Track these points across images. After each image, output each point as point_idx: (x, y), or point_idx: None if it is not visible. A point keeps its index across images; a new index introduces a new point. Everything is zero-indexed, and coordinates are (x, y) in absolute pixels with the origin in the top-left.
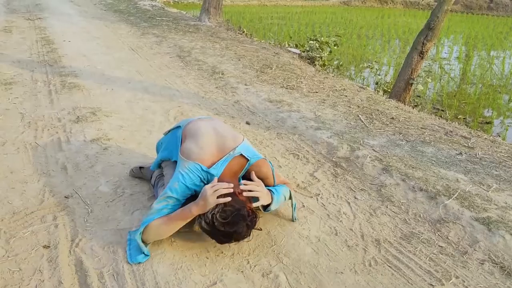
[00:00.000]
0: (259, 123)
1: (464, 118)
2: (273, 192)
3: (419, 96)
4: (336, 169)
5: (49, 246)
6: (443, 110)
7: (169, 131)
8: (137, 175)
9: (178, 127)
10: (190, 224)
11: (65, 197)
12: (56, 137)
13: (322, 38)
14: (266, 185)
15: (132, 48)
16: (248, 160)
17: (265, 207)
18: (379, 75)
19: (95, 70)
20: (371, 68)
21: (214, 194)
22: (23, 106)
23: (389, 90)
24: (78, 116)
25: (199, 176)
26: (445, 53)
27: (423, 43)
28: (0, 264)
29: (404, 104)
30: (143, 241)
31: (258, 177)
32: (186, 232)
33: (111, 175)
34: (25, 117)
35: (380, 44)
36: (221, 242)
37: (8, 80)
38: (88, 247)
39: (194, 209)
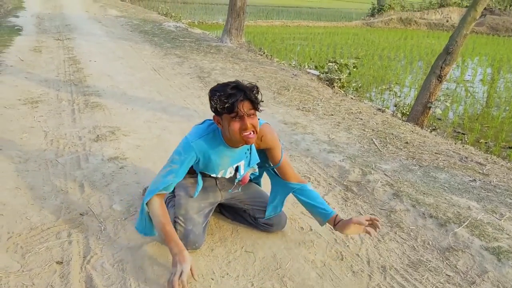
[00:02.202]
0: None
1: (485, 142)
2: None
3: (439, 119)
4: (347, 193)
5: (62, 262)
6: (464, 134)
7: None
8: None
9: None
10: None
11: (80, 214)
12: (75, 155)
13: (342, 60)
14: (273, 162)
15: (154, 69)
16: None
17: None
18: (399, 96)
19: (118, 90)
20: (390, 90)
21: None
22: (47, 124)
23: (408, 113)
24: (98, 135)
25: (205, 132)
26: (469, 75)
27: (441, 67)
28: (15, 279)
29: (422, 127)
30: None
31: (263, 149)
32: (192, 253)
33: (125, 194)
34: (48, 135)
35: (402, 65)
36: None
37: (35, 98)
38: (98, 264)
39: (172, 250)
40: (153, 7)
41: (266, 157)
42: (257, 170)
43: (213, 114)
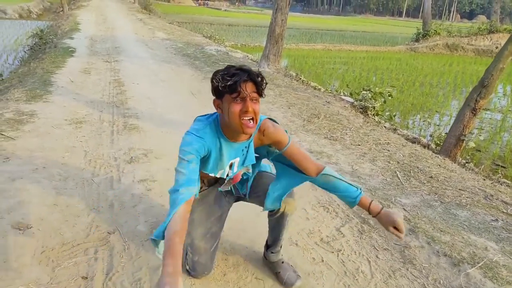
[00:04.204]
0: None
1: None
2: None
3: (479, 151)
4: (363, 225)
5: (87, 278)
6: (504, 167)
7: None
8: None
9: None
10: None
11: (108, 232)
12: (109, 176)
13: (377, 89)
14: (279, 148)
15: (192, 92)
16: None
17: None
18: (438, 125)
19: (155, 113)
20: (430, 119)
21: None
22: (87, 145)
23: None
24: (131, 157)
25: (205, 122)
26: None
27: (476, 100)
28: None
29: (454, 160)
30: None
31: (269, 144)
32: (204, 276)
33: (150, 216)
34: (87, 155)
35: (445, 93)
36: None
37: (80, 119)
38: (119, 282)
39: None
40: (198, 29)
41: (270, 152)
42: (250, 170)
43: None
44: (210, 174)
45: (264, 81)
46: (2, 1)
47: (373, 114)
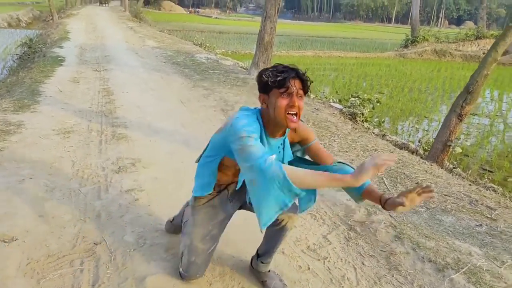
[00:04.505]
0: None
1: None
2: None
3: (466, 156)
4: (350, 232)
5: None
6: (491, 171)
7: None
8: (169, 230)
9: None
10: None
11: (94, 243)
12: (97, 186)
13: (365, 95)
14: (305, 144)
15: (181, 101)
16: None
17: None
18: (426, 130)
19: (144, 121)
20: (412, 126)
21: (379, 167)
22: (75, 155)
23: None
24: (119, 167)
25: (255, 115)
26: (503, 110)
27: (462, 106)
28: None
29: (442, 166)
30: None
31: (299, 136)
32: (189, 286)
33: (136, 226)
34: (75, 165)
35: (433, 98)
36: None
37: (68, 129)
38: None
39: (349, 179)
40: (189, 37)
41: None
42: None
43: (259, 94)
44: None
45: (310, 80)
46: None
47: (362, 121)
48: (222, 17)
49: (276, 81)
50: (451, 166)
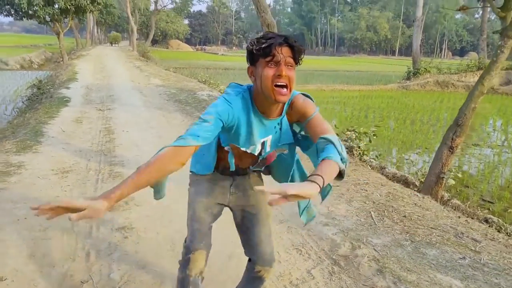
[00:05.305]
0: (274, 216)
1: None
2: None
3: (467, 187)
4: (334, 267)
5: None
6: (492, 202)
7: None
8: None
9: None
10: None
11: (81, 282)
12: (89, 225)
13: (361, 129)
14: (304, 121)
15: None
16: None
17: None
18: (427, 162)
19: (141, 160)
20: (407, 158)
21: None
22: (71, 194)
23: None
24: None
25: (240, 94)
26: (506, 140)
27: (452, 139)
28: None
29: (436, 199)
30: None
31: (296, 113)
32: None
33: (123, 263)
34: None
35: (435, 130)
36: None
37: (66, 168)
38: None
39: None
40: (195, 74)
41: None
42: (286, 151)
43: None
44: (241, 148)
45: (303, 49)
46: (4, 52)
47: (359, 154)
48: (228, 53)
49: (261, 48)
50: (447, 197)
